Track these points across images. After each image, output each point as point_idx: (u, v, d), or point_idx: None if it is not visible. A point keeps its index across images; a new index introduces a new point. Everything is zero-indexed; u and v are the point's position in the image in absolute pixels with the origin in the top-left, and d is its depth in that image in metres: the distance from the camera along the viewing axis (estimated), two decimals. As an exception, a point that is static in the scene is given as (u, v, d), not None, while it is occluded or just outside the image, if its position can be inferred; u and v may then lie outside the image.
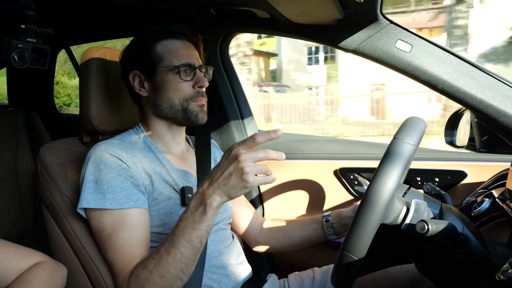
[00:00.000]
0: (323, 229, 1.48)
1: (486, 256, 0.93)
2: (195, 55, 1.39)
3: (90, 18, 1.98)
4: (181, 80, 1.33)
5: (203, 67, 1.38)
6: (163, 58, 1.34)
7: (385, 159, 0.88)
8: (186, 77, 1.33)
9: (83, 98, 1.41)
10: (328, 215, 1.48)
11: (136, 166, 1.27)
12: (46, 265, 1.13)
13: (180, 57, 1.34)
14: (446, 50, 1.44)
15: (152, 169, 1.31)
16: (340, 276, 0.93)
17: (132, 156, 1.29)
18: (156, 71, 1.34)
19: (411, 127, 0.92)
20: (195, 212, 1.05)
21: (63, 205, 1.32)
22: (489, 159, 1.52)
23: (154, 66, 1.34)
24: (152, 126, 1.40)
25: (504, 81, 1.39)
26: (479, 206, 1.22)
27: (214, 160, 1.56)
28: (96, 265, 1.26)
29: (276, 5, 1.42)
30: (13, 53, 1.23)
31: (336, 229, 1.46)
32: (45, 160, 1.35)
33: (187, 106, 1.34)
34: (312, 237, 1.52)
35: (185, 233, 1.06)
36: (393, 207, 0.94)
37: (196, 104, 1.35)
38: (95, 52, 1.43)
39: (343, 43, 1.53)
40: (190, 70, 1.34)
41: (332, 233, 1.47)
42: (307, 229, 1.52)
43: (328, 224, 1.47)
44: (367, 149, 1.78)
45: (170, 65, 1.32)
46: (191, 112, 1.34)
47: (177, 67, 1.32)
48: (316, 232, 1.50)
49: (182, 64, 1.32)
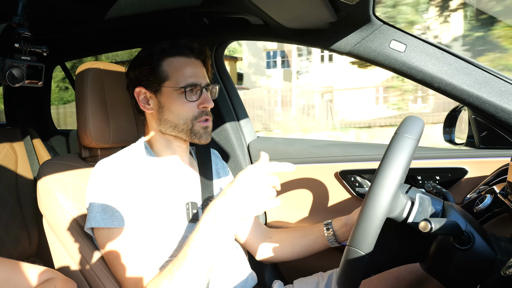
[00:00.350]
0: (325, 238, 1.47)
1: (491, 252, 0.93)
2: (202, 73, 1.37)
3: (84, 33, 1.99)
4: (187, 101, 1.31)
5: (209, 86, 1.37)
6: (169, 77, 1.32)
7: (388, 153, 0.89)
8: (192, 97, 1.32)
9: (79, 113, 1.41)
10: (329, 223, 1.47)
11: (140, 183, 1.26)
12: (57, 281, 1.12)
13: (186, 76, 1.32)
14: (441, 48, 1.44)
15: (156, 185, 1.30)
16: (347, 275, 0.92)
17: (136, 172, 1.28)
18: (161, 89, 1.32)
19: (411, 123, 0.93)
20: (207, 232, 1.03)
21: (65, 221, 1.31)
22: (488, 155, 1.52)
23: (160, 84, 1.32)
24: (155, 141, 1.39)
25: (501, 76, 1.39)
26: (481, 202, 1.22)
27: (216, 171, 1.56)
28: (101, 280, 1.26)
29: (269, 11, 1.42)
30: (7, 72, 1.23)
31: (338, 237, 1.45)
32: (45, 177, 1.35)
33: (192, 127, 1.33)
34: (314, 246, 1.50)
35: (197, 252, 1.05)
36: (398, 201, 0.94)
37: (200, 125, 1.34)
38: (89, 67, 1.43)
39: (337, 46, 1.54)
40: (196, 90, 1.32)
41: (334, 241, 1.46)
42: (309, 238, 1.51)
43: (329, 232, 1.46)
44: (366, 151, 1.78)
45: (176, 85, 1.31)
46: (195, 133, 1.34)
47: (183, 87, 1.31)
48: (318, 241, 1.49)
49: (188, 85, 1.31)
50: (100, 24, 1.82)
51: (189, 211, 1.31)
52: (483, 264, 0.93)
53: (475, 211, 1.21)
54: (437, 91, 1.46)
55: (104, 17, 1.66)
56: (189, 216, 1.31)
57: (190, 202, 1.33)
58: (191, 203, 1.33)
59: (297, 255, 1.53)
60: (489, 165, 1.48)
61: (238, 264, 1.43)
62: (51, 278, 1.13)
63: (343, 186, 1.79)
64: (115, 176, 1.23)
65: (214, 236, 1.03)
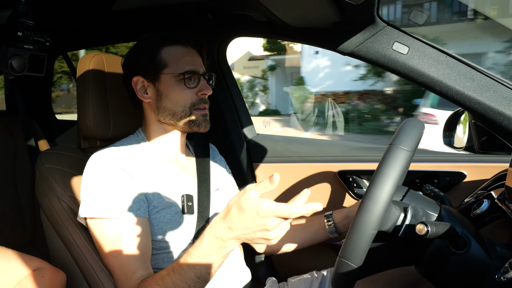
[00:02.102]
0: (325, 229, 1.48)
1: (486, 257, 0.93)
2: (199, 62, 1.39)
3: (88, 24, 1.98)
4: (185, 87, 1.32)
5: (206, 74, 1.38)
6: (167, 64, 1.33)
7: (381, 167, 0.88)
8: (190, 84, 1.33)
9: (80, 104, 1.41)
10: (330, 214, 1.48)
11: (136, 174, 1.27)
12: (45, 271, 1.12)
13: (184, 63, 1.33)
14: (443, 52, 1.43)
15: (153, 176, 1.31)
16: (339, 281, 0.93)
17: (132, 163, 1.28)
18: (160, 77, 1.33)
19: (408, 131, 0.91)
20: (210, 252, 1.03)
21: (62, 211, 1.31)
22: (487, 160, 1.52)
23: (158, 72, 1.33)
24: (153, 132, 1.39)
25: (503, 82, 1.38)
26: (478, 207, 1.22)
27: (214, 165, 1.56)
28: (95, 271, 1.26)
29: (273, 9, 1.42)
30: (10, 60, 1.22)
31: (338, 228, 1.46)
32: (43, 167, 1.35)
33: (190, 114, 1.34)
34: (315, 238, 1.51)
35: (196, 269, 1.04)
36: (390, 214, 0.94)
37: (199, 113, 1.35)
38: (92, 58, 1.43)
39: (340, 46, 1.53)
40: (194, 77, 1.34)
41: (334, 232, 1.47)
42: (309, 230, 1.52)
43: (330, 223, 1.47)
44: (366, 152, 1.78)
45: (175, 72, 1.32)
46: (193, 121, 1.34)
47: (182, 74, 1.32)
48: (319, 233, 1.49)
49: (187, 71, 1.32)
50: (104, 16, 1.82)
51: (184, 203, 1.32)
52: (478, 269, 0.93)
53: (472, 216, 1.22)
54: (439, 95, 1.45)
55: (108, 9, 1.66)
56: (184, 208, 1.31)
57: (185, 195, 1.33)
58: (186, 196, 1.33)
59: (298, 246, 1.54)
60: (488, 170, 1.48)
61: (233, 260, 1.44)
62: (39, 268, 1.13)
63: (341, 186, 1.79)
64: (109, 167, 1.24)
65: (218, 257, 1.04)
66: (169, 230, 1.28)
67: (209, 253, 1.03)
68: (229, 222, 0.98)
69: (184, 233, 1.30)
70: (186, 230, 1.30)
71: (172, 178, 1.35)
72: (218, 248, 1.02)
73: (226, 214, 0.99)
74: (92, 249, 1.27)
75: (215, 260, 1.04)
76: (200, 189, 1.40)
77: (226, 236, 0.99)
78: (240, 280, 1.43)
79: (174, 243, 1.28)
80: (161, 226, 1.27)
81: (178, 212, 1.31)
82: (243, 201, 0.95)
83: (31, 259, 1.14)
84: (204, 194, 1.39)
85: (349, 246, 0.88)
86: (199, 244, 1.04)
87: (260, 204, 0.92)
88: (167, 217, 1.28)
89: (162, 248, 1.27)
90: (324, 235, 1.49)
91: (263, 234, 0.95)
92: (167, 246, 1.27)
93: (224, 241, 1.00)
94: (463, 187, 1.56)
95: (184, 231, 1.30)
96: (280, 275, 1.94)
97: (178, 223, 1.29)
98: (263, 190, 0.95)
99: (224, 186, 1.54)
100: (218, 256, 1.03)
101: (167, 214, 1.29)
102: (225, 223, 0.99)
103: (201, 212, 1.35)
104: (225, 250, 1.02)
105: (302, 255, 1.57)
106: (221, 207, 1.44)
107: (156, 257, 1.26)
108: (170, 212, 1.29)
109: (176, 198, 1.33)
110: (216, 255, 1.03)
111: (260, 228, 0.94)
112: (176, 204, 1.32)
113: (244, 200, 0.95)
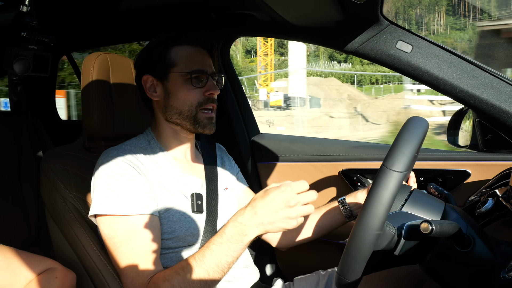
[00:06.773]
0: (341, 214, 1.48)
1: (491, 255, 0.93)
2: (209, 62, 1.38)
3: (92, 24, 1.99)
4: (193, 87, 1.32)
5: (215, 75, 1.38)
6: (176, 63, 1.33)
7: (373, 190, 0.87)
8: (198, 84, 1.33)
9: (85, 104, 1.41)
10: (343, 199, 1.49)
11: (146, 172, 1.27)
12: (58, 271, 1.13)
13: (193, 63, 1.33)
14: (447, 50, 1.43)
15: (162, 175, 1.31)
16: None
17: (142, 162, 1.29)
18: (168, 76, 1.34)
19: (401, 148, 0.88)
20: (232, 240, 1.08)
21: (66, 211, 1.32)
22: (492, 158, 1.52)
23: (167, 71, 1.33)
24: (162, 131, 1.40)
25: (507, 80, 1.38)
26: (482, 205, 1.21)
27: (222, 164, 1.56)
28: (100, 270, 1.26)
29: (276, 8, 1.42)
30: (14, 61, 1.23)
31: (354, 212, 1.47)
32: (48, 167, 1.36)
33: (196, 114, 1.34)
34: (332, 224, 1.51)
35: (216, 257, 1.08)
36: (384, 236, 0.94)
37: (205, 116, 1.34)
38: (96, 58, 1.43)
39: (344, 45, 1.53)
40: (202, 77, 1.34)
41: (350, 215, 1.47)
42: (326, 218, 1.52)
43: (345, 207, 1.47)
44: (369, 151, 1.78)
45: (183, 71, 1.32)
46: (198, 123, 1.34)
47: (189, 73, 1.32)
48: (336, 218, 1.50)
49: (194, 71, 1.32)
50: (108, 16, 1.82)
51: (193, 202, 1.32)
52: (482, 267, 0.93)
53: (477, 214, 1.21)
54: (443, 93, 1.45)
55: (113, 9, 1.67)
56: (194, 207, 1.32)
57: (195, 193, 1.33)
58: (195, 194, 1.33)
59: (316, 235, 1.54)
60: (492, 169, 1.47)
61: (242, 259, 1.44)
62: (52, 268, 1.13)
63: (345, 185, 1.79)
64: (120, 164, 1.24)
65: (238, 244, 1.08)
66: (178, 229, 1.28)
67: (231, 240, 1.08)
68: (253, 206, 1.06)
69: (193, 232, 1.30)
70: (195, 229, 1.30)
71: (181, 177, 1.35)
72: (239, 234, 1.07)
73: (251, 202, 1.08)
74: (97, 249, 1.27)
75: (235, 248, 1.08)
76: (208, 188, 1.40)
77: (250, 221, 1.06)
78: (248, 279, 1.43)
79: (183, 242, 1.29)
80: (170, 225, 1.27)
81: (187, 210, 1.31)
82: (267, 189, 1.06)
83: (43, 260, 1.14)
84: (212, 193, 1.40)
85: (345, 265, 0.91)
86: (222, 231, 1.09)
87: (282, 185, 1.04)
88: (176, 216, 1.28)
89: (171, 248, 1.27)
90: (341, 220, 1.49)
91: (286, 213, 1.02)
92: (176, 246, 1.27)
93: (247, 227, 1.06)
94: (467, 185, 1.56)
95: (193, 230, 1.30)
96: (285, 275, 1.94)
97: (187, 222, 1.29)
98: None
99: (232, 185, 1.54)
100: (239, 243, 1.08)
101: (176, 213, 1.29)
102: (250, 208, 1.07)
103: (210, 211, 1.35)
104: (246, 238, 1.07)
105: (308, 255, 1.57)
106: (229, 206, 1.45)
107: (165, 257, 1.26)
108: (179, 211, 1.29)
109: (185, 197, 1.33)
110: (237, 242, 1.08)
111: (282, 206, 1.02)
112: (185, 203, 1.32)
113: (268, 188, 1.07)
